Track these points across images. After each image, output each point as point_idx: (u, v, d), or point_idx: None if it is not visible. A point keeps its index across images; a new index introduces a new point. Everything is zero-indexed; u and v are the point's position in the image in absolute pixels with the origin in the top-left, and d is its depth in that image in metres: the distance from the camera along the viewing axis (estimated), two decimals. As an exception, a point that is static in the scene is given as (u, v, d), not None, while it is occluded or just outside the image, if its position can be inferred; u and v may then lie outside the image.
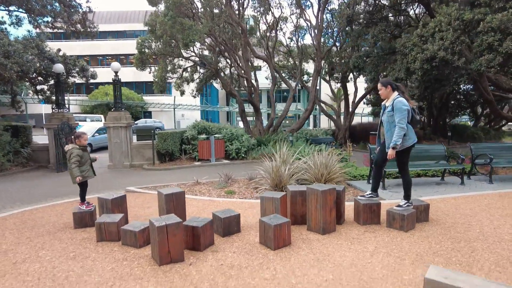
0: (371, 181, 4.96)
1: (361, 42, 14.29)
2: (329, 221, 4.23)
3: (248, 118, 16.86)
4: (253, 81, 15.80)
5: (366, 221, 4.54)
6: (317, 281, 3.00)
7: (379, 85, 4.57)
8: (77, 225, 4.54)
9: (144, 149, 11.64)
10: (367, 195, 4.76)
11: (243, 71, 14.89)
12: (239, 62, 15.10)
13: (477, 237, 4.01)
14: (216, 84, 37.93)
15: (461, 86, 16.63)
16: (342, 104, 20.35)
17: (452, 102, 21.76)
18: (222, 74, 16.81)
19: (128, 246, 3.84)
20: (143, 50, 13.79)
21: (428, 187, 6.88)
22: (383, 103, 4.69)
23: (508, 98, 11.64)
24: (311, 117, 35.84)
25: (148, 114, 33.80)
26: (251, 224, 4.66)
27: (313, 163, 7.36)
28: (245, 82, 14.33)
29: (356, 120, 25.32)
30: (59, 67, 10.97)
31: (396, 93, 4.44)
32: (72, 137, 4.73)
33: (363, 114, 37.90)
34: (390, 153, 4.39)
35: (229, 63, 16.39)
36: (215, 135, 13.17)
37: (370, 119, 36.85)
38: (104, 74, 28.02)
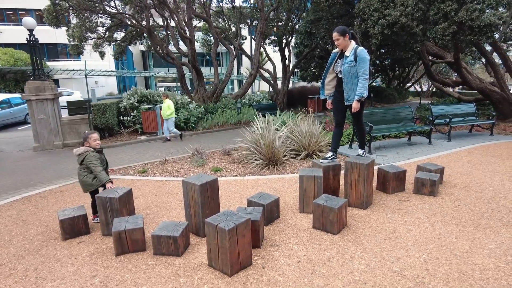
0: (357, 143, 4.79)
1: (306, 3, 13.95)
2: (370, 194, 4.04)
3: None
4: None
5: (394, 189, 4.49)
6: (418, 263, 2.76)
7: (335, 34, 4.24)
8: (67, 235, 3.40)
9: (79, 125, 9.71)
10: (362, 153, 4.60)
11: (183, 31, 13.30)
12: (178, 21, 13.39)
13: (497, 195, 4.29)
14: (132, 47, 33.81)
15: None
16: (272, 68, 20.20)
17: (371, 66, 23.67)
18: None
19: (165, 255, 3.01)
20: (57, 1, 11.05)
21: (406, 149, 7.25)
22: (334, 51, 4.46)
23: (433, 61, 12.94)
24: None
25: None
26: (280, 206, 4.18)
27: (298, 132, 7.08)
28: (188, 43, 12.85)
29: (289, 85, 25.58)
30: None
31: (353, 42, 4.26)
32: (83, 139, 3.86)
33: (292, 79, 38.73)
34: (355, 106, 4.26)
35: (165, 22, 14.46)
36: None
37: (301, 83, 37.87)
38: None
